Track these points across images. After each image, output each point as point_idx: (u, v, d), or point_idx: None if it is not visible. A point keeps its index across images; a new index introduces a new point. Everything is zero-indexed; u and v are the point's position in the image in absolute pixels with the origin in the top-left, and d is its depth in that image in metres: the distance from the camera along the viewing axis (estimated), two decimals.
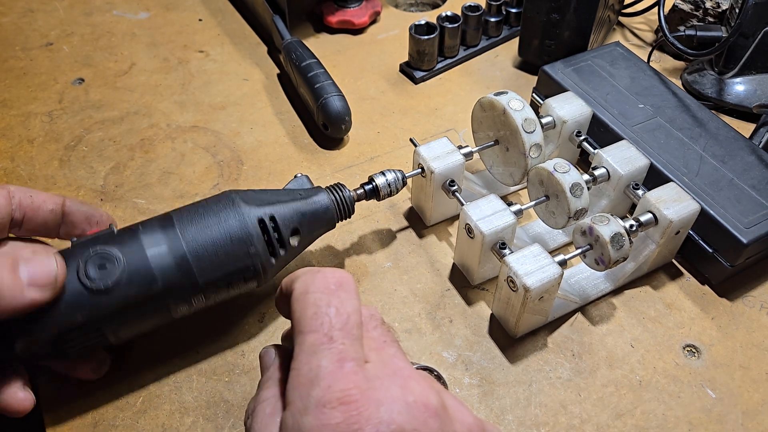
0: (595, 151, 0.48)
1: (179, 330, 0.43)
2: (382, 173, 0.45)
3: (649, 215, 0.44)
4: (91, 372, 0.40)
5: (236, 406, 0.40)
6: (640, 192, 0.46)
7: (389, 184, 0.45)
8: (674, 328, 0.44)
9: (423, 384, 0.28)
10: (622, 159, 0.46)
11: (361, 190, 0.44)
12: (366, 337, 0.30)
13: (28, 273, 0.33)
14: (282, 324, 0.44)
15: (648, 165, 0.47)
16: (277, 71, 0.66)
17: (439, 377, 0.33)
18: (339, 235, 0.50)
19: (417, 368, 0.32)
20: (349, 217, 0.44)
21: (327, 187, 0.43)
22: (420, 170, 0.47)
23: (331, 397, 0.26)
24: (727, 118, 0.60)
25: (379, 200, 0.45)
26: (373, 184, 0.44)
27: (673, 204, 0.43)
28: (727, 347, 0.44)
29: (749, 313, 0.46)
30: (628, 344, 0.44)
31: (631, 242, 0.41)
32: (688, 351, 0.43)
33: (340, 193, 0.42)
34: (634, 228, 0.43)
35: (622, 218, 0.43)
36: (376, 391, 0.26)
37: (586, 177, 0.46)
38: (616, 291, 0.47)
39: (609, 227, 0.41)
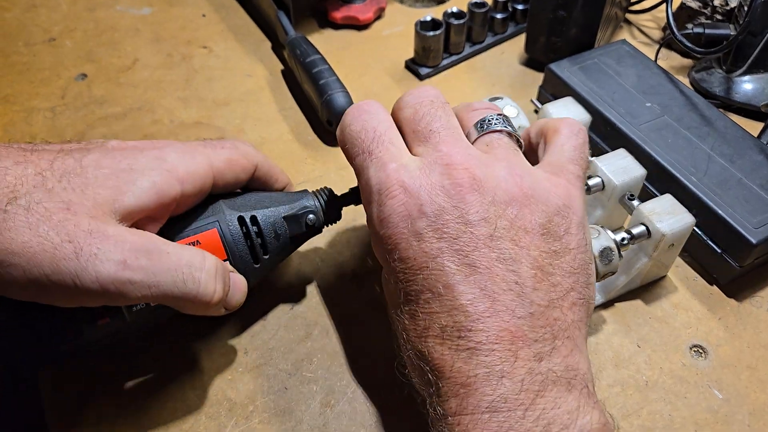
0: (591, 159, 0.47)
1: (180, 328, 0.43)
2: None
3: (642, 228, 0.42)
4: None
5: (239, 404, 0.40)
6: (634, 203, 0.44)
7: None
8: (681, 329, 0.44)
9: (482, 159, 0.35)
10: (617, 168, 0.45)
11: (349, 194, 0.43)
12: (414, 131, 0.36)
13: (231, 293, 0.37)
14: (285, 322, 0.44)
15: (644, 175, 0.45)
16: (281, 67, 0.65)
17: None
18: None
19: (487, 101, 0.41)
20: (336, 222, 0.43)
21: (313, 191, 0.42)
22: None
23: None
24: (735, 117, 0.59)
25: None
26: None
27: (667, 217, 0.42)
28: (734, 348, 0.43)
29: (757, 314, 0.45)
30: (634, 344, 0.43)
31: (620, 256, 0.40)
32: (694, 351, 0.43)
33: (326, 197, 0.42)
34: (626, 241, 0.41)
35: (616, 230, 0.42)
36: (481, 168, 0.34)
37: None
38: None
39: (598, 241, 0.39)
